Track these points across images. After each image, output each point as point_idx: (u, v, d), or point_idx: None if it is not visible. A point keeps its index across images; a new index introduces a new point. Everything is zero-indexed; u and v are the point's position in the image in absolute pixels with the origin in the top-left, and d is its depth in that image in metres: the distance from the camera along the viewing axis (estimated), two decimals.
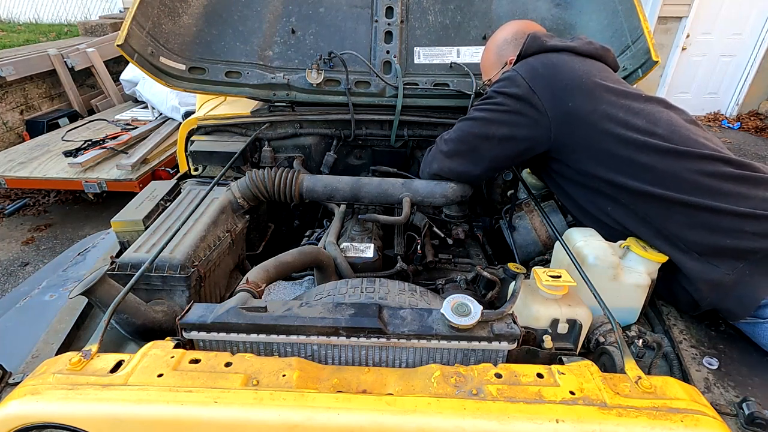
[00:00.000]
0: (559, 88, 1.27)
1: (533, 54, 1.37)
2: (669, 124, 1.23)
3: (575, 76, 1.28)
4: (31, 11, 8.98)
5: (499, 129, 1.34)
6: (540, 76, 1.29)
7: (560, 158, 1.34)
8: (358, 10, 1.84)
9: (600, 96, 1.25)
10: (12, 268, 3.48)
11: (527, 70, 1.32)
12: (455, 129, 1.45)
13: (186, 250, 1.24)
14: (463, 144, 1.41)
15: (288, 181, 1.56)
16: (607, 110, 1.24)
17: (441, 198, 1.53)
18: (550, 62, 1.32)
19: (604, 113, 1.23)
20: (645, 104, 1.27)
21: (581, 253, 1.18)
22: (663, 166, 1.18)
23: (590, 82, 1.27)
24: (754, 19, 6.20)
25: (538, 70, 1.30)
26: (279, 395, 0.73)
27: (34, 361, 1.01)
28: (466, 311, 0.86)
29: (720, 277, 1.13)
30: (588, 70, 1.30)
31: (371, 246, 1.47)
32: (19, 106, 4.89)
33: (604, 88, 1.27)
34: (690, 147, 1.18)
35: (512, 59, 1.48)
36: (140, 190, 1.82)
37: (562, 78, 1.28)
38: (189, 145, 1.84)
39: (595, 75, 1.29)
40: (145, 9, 1.64)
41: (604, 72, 1.33)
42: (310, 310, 0.90)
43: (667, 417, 0.70)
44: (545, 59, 1.34)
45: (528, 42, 1.39)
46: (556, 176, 1.41)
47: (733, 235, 1.12)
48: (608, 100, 1.25)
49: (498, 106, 1.33)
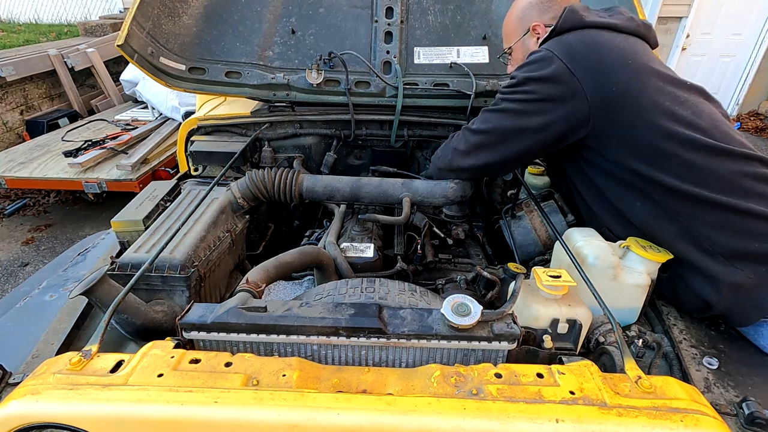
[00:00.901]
0: (601, 70, 1.15)
1: (569, 30, 1.24)
2: (711, 118, 1.15)
3: (619, 56, 1.16)
4: (31, 11, 8.98)
5: (533, 120, 1.23)
6: (580, 56, 1.17)
7: (595, 146, 1.24)
8: (358, 11, 1.84)
9: (646, 80, 1.15)
10: (12, 268, 3.48)
11: (565, 49, 1.19)
12: (483, 120, 1.33)
13: (186, 250, 1.24)
14: (492, 136, 1.30)
15: (288, 181, 1.56)
16: (654, 97, 1.14)
17: (441, 198, 1.53)
18: (590, 40, 1.19)
19: (650, 101, 1.13)
20: (689, 93, 1.18)
21: (581, 253, 1.18)
22: (703, 163, 1.11)
23: (636, 63, 1.15)
24: (754, 19, 6.20)
25: (578, 50, 1.18)
26: (279, 395, 0.73)
27: (34, 361, 1.01)
28: (466, 311, 0.86)
29: (741, 280, 1.10)
30: (633, 49, 1.18)
31: (371, 246, 1.47)
32: (19, 107, 4.89)
33: (650, 71, 1.16)
34: (731, 145, 1.12)
35: (536, 25, 1.39)
36: (140, 190, 1.82)
37: (604, 59, 1.16)
38: (189, 145, 1.84)
39: (641, 56, 1.18)
40: (145, 9, 1.64)
41: (648, 53, 1.22)
42: (310, 310, 0.90)
43: (667, 417, 0.70)
44: (585, 37, 1.20)
45: (564, 16, 1.25)
46: (585, 165, 1.31)
47: (762, 239, 1.08)
48: (654, 86, 1.15)
49: (529, 95, 1.22)
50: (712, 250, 1.13)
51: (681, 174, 1.13)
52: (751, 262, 1.11)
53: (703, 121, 1.13)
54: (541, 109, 1.22)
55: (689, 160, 1.12)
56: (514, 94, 1.26)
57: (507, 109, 1.27)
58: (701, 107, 1.16)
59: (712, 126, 1.13)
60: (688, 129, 1.12)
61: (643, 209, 1.21)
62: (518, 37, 1.46)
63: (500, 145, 1.31)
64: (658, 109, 1.13)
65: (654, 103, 1.13)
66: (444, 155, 1.47)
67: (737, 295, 1.12)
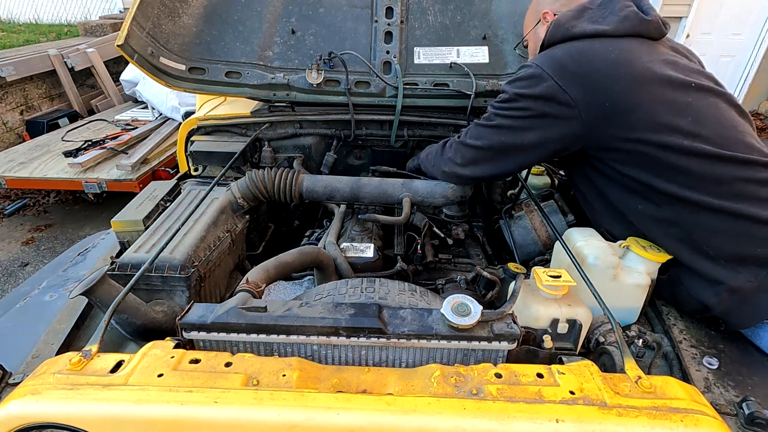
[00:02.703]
0: (592, 85, 1.13)
1: (559, 42, 1.22)
2: (716, 123, 1.12)
3: (610, 69, 1.12)
4: (31, 11, 8.98)
5: (527, 136, 1.23)
6: (570, 73, 1.14)
7: (594, 155, 1.24)
8: (357, 11, 1.84)
9: (641, 92, 1.11)
10: (12, 268, 3.48)
11: (553, 64, 1.17)
12: (476, 136, 1.32)
13: (186, 251, 1.24)
14: (488, 152, 1.31)
15: (288, 181, 1.57)
16: (650, 110, 1.11)
17: (441, 198, 1.53)
18: (580, 54, 1.16)
19: (646, 114, 1.11)
20: (693, 94, 1.13)
21: (581, 253, 1.18)
22: (703, 171, 1.09)
23: (630, 74, 1.12)
24: (753, 20, 6.20)
25: (568, 66, 1.15)
26: (279, 395, 0.73)
27: (34, 361, 1.01)
28: (466, 311, 0.86)
29: (742, 284, 1.10)
30: (626, 59, 1.14)
31: (371, 246, 1.47)
32: (19, 107, 4.89)
33: (647, 78, 1.12)
34: (735, 151, 1.10)
35: (546, 12, 1.38)
36: (140, 190, 1.82)
37: (595, 73, 1.13)
38: (189, 145, 1.84)
39: (635, 62, 1.13)
40: (145, 9, 1.64)
41: (646, 53, 1.16)
42: (310, 310, 0.90)
43: (667, 417, 0.70)
44: (573, 50, 1.18)
45: (551, 30, 1.24)
46: (587, 168, 1.31)
47: (765, 243, 1.08)
48: (651, 94, 1.11)
49: (523, 111, 1.21)
50: (713, 255, 1.12)
51: (681, 181, 1.12)
52: (752, 265, 1.10)
53: (705, 127, 1.11)
54: (536, 125, 1.22)
55: (689, 168, 1.10)
56: (508, 110, 1.25)
57: (501, 125, 1.27)
58: (705, 111, 1.13)
59: (715, 132, 1.11)
60: (687, 139, 1.10)
61: (645, 212, 1.20)
62: (532, 26, 1.45)
63: (498, 160, 1.32)
64: (654, 122, 1.12)
65: (650, 117, 1.12)
66: (440, 163, 1.48)
67: (736, 298, 1.11)
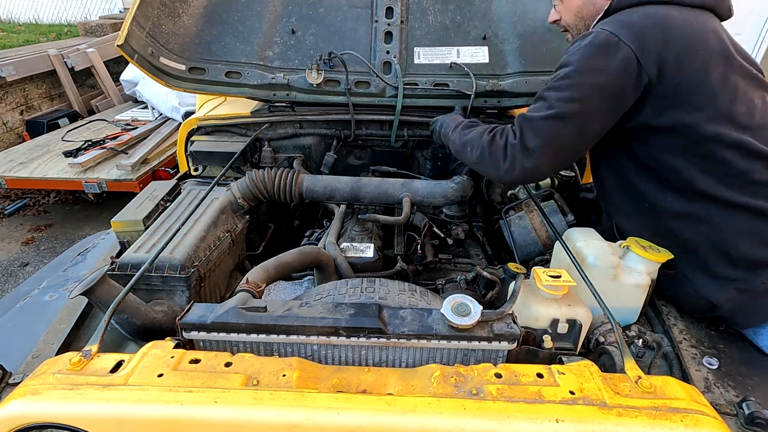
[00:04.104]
0: (668, 56, 1.03)
1: (629, 6, 1.10)
2: (763, 119, 1.08)
3: (688, 41, 1.03)
4: (31, 11, 8.98)
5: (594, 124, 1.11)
6: (649, 42, 1.03)
7: (638, 135, 1.14)
8: (357, 11, 1.84)
9: (712, 71, 1.04)
10: (12, 268, 3.48)
11: (632, 32, 1.04)
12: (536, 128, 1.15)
13: (186, 251, 1.24)
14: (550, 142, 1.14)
15: (288, 181, 1.57)
16: (714, 92, 1.04)
17: (441, 198, 1.53)
18: (659, 19, 1.05)
19: (711, 95, 1.04)
20: (750, 83, 1.08)
21: (581, 253, 1.18)
22: (743, 167, 1.05)
23: (704, 51, 1.04)
24: (754, 19, 6.20)
25: (647, 34, 1.03)
26: (279, 395, 0.73)
27: (34, 361, 1.01)
28: (466, 311, 0.86)
29: (755, 285, 1.09)
30: (703, 32, 1.05)
31: (371, 246, 1.47)
32: (19, 107, 4.89)
33: (717, 58, 1.05)
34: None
35: None
36: (140, 190, 1.82)
37: (673, 42, 1.03)
38: (189, 145, 1.84)
39: (711, 39, 1.06)
40: (145, 9, 1.64)
41: (717, 29, 1.09)
42: (310, 310, 0.90)
43: (667, 417, 0.70)
44: (652, 15, 1.06)
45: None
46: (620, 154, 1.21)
47: None
48: (718, 77, 1.04)
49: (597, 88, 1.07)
50: (735, 256, 1.10)
51: (719, 175, 1.07)
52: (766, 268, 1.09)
53: (755, 119, 1.06)
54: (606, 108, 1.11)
55: (730, 162, 1.06)
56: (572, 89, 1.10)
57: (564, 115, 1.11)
58: (755, 102, 1.08)
59: (761, 128, 1.07)
60: (737, 130, 1.05)
61: (672, 206, 1.15)
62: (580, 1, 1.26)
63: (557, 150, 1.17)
64: (715, 106, 1.05)
65: (713, 101, 1.05)
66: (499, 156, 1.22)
67: (745, 298, 1.11)
